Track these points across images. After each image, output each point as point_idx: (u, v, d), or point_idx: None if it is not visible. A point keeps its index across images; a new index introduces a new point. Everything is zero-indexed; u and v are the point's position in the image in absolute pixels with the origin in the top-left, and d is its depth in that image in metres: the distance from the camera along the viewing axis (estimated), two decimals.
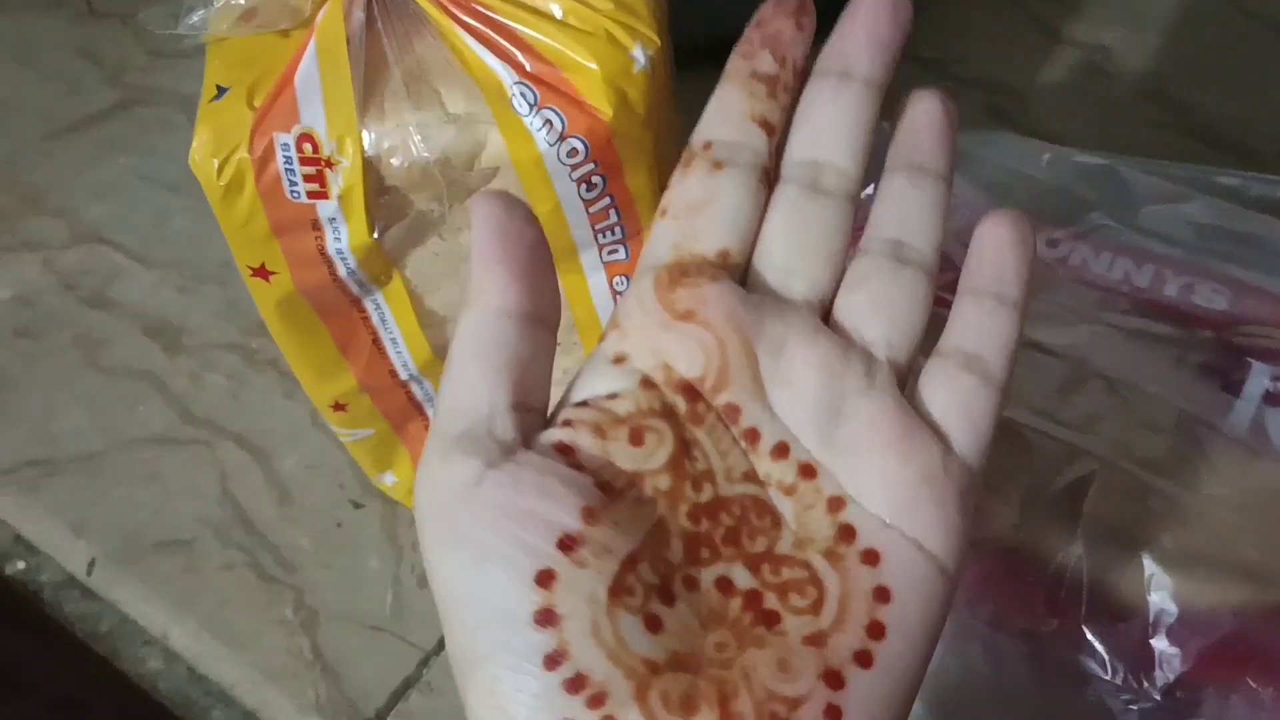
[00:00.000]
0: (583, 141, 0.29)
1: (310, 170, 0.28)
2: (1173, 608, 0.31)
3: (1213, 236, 0.39)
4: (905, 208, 0.24)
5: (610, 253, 0.32)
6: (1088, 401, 0.34)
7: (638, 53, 0.29)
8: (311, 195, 0.28)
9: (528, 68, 0.29)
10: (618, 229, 0.32)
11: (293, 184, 0.28)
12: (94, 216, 0.56)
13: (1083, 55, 0.53)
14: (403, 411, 0.37)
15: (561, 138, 0.29)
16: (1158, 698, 0.31)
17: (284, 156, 0.28)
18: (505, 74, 0.29)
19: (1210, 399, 0.34)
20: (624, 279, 0.33)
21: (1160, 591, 0.31)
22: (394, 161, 0.29)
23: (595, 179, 0.30)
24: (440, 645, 0.41)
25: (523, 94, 0.29)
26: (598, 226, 0.31)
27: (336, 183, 0.28)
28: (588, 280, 0.33)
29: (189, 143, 0.57)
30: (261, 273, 0.30)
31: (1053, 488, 0.33)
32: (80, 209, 0.56)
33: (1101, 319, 0.37)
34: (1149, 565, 0.31)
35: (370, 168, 0.29)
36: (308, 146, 0.28)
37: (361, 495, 0.45)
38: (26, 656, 0.72)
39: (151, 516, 0.46)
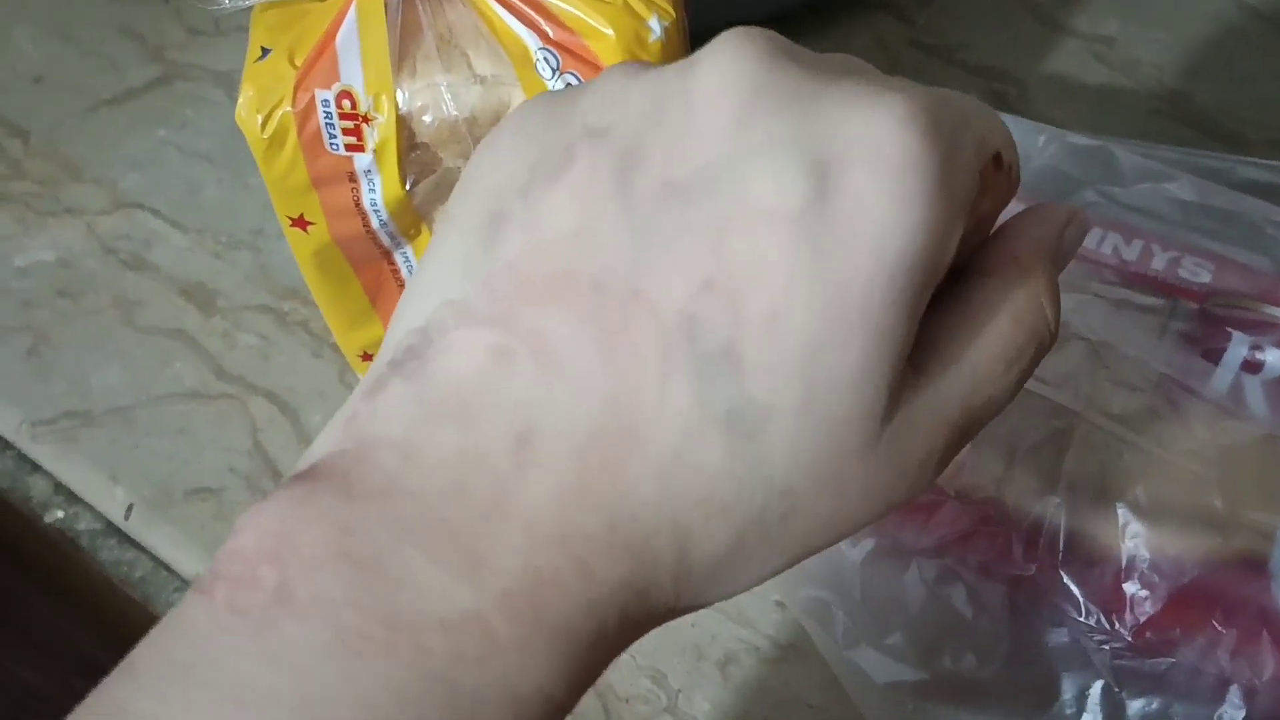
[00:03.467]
0: None
1: (348, 125, 0.30)
2: (1144, 554, 0.33)
3: (1198, 214, 0.41)
4: None
5: None
6: (1069, 361, 0.36)
7: (654, 23, 0.32)
8: (349, 148, 0.31)
9: (550, 34, 0.31)
10: None
11: (332, 137, 0.31)
12: (132, 185, 0.58)
13: (1084, 45, 0.55)
14: None
15: None
16: (1129, 638, 0.33)
17: (324, 112, 0.30)
18: (530, 40, 0.31)
19: (1190, 365, 0.36)
20: None
21: (1133, 539, 0.33)
22: (425, 119, 0.31)
23: None
24: None
25: (546, 59, 0.31)
26: None
27: (372, 137, 0.31)
28: None
29: (224, 117, 0.59)
30: (300, 223, 0.33)
31: (1033, 442, 0.35)
32: (119, 178, 0.58)
33: (1088, 288, 0.39)
34: (1123, 515, 0.33)
35: (403, 124, 0.31)
36: (346, 103, 0.30)
37: None
38: (51, 618, 0.74)
39: (183, 466, 0.48)
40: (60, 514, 0.50)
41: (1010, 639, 0.34)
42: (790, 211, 0.18)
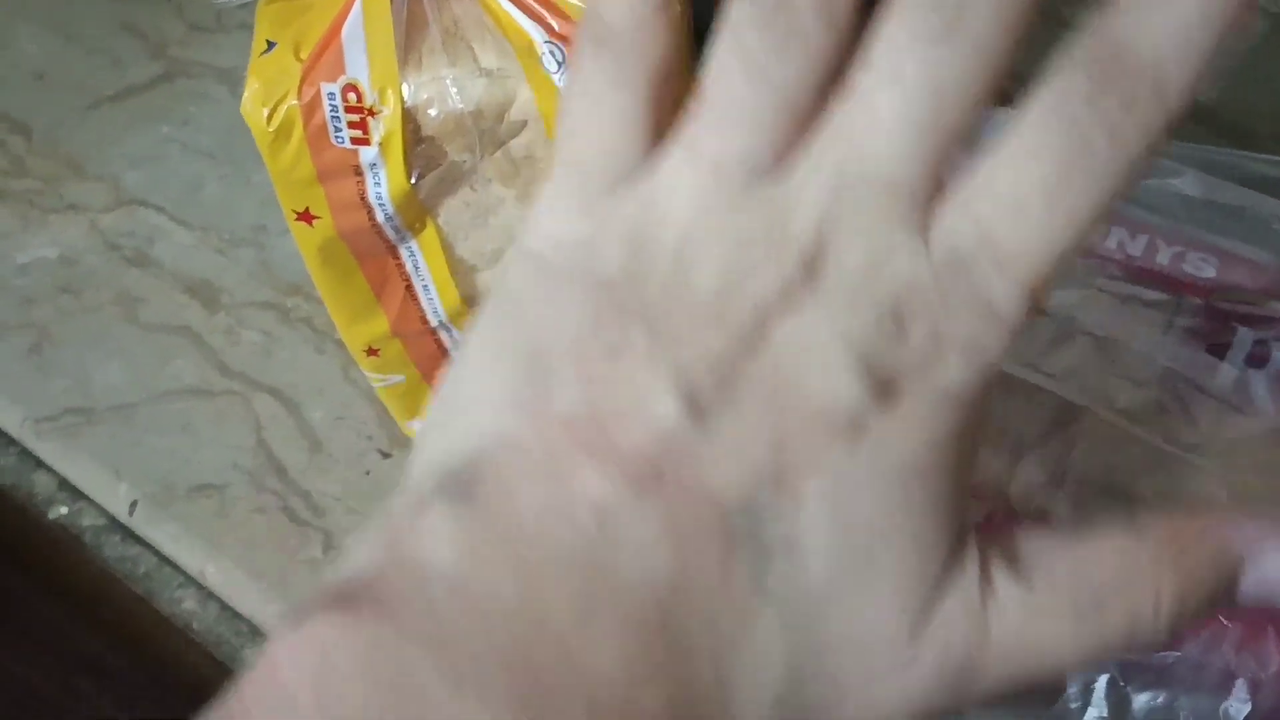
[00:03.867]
0: None
1: (354, 118, 0.30)
2: None
3: (1204, 209, 0.41)
4: None
5: None
6: (1074, 356, 0.36)
7: None
8: (355, 141, 0.31)
9: (556, 28, 0.31)
10: None
11: (337, 130, 0.31)
12: (134, 181, 0.58)
13: None
14: (432, 359, 0.39)
15: None
16: None
17: (330, 105, 0.30)
18: (536, 33, 0.31)
19: (1196, 359, 0.36)
20: None
21: None
22: (431, 112, 0.31)
23: None
24: None
25: (552, 52, 0.31)
26: None
27: (378, 131, 0.31)
28: None
29: (226, 113, 0.59)
30: (305, 217, 0.33)
31: (1040, 436, 0.35)
32: (121, 174, 0.58)
33: (1094, 284, 0.39)
34: (1128, 509, 0.33)
35: (409, 117, 0.31)
36: (352, 96, 0.30)
37: (389, 445, 0.47)
38: (53, 616, 0.74)
39: (186, 463, 0.48)
40: (64, 510, 0.50)
41: None
42: (845, 413, 0.18)
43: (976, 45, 0.19)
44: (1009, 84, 0.24)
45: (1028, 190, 0.18)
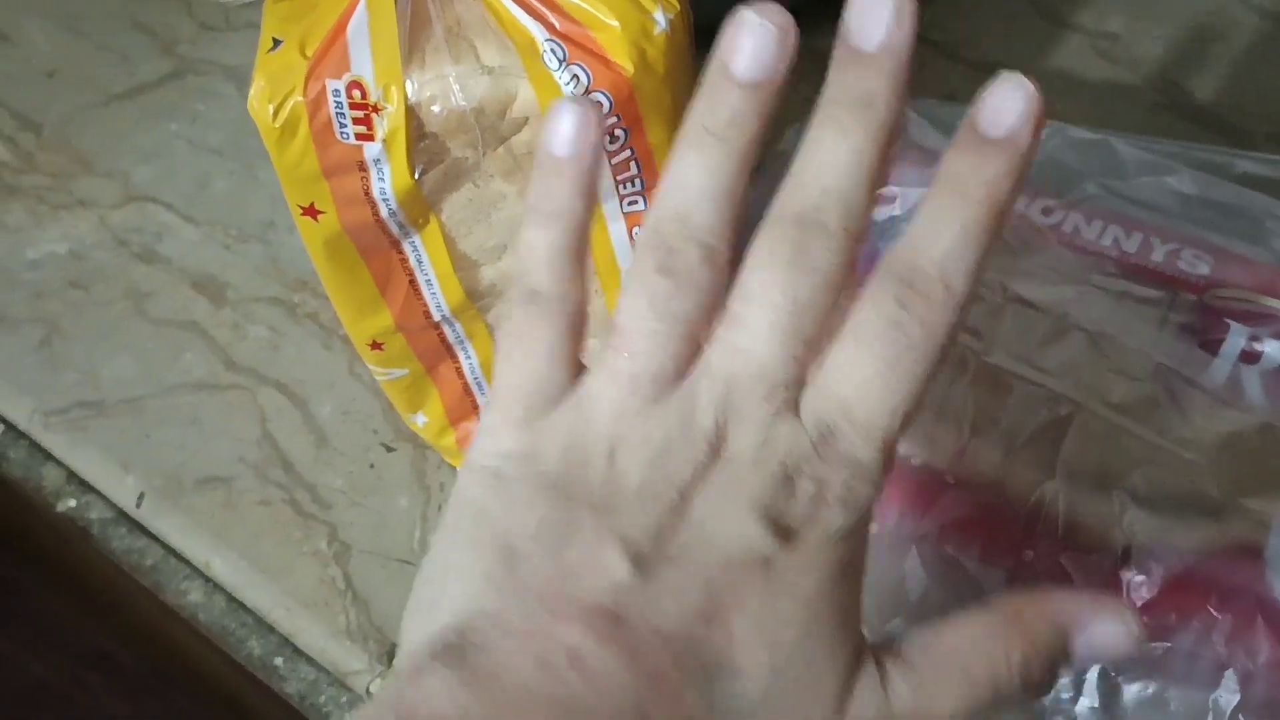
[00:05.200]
0: (607, 96, 0.32)
1: (359, 114, 0.31)
2: (1142, 541, 0.33)
3: (1199, 207, 0.41)
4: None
5: (630, 203, 0.35)
6: (1069, 351, 0.36)
7: (659, 15, 0.32)
8: (359, 137, 0.31)
9: (557, 26, 0.31)
10: (637, 180, 0.35)
11: (342, 126, 0.31)
12: (143, 178, 0.59)
13: (1087, 41, 0.56)
14: (435, 353, 0.40)
15: (587, 91, 0.32)
16: None
17: (335, 101, 0.31)
18: (537, 31, 0.31)
19: (1189, 355, 0.37)
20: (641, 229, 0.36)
21: (1130, 526, 0.34)
22: (434, 109, 0.31)
23: (618, 132, 0.33)
24: None
25: (553, 50, 0.31)
26: (619, 177, 0.34)
27: (382, 127, 0.31)
28: (609, 229, 0.36)
29: (235, 110, 0.60)
30: (311, 212, 0.33)
31: (1032, 429, 0.35)
32: (130, 171, 0.59)
33: (1089, 280, 0.39)
34: (1121, 502, 0.34)
35: (412, 114, 0.31)
36: (356, 93, 0.31)
37: (393, 439, 0.48)
38: (60, 610, 0.75)
39: (193, 456, 0.49)
40: (72, 503, 0.51)
41: None
42: (756, 555, 0.24)
43: (820, 266, 0.25)
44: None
45: (870, 373, 0.24)
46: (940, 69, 0.55)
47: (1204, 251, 0.39)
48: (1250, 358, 0.37)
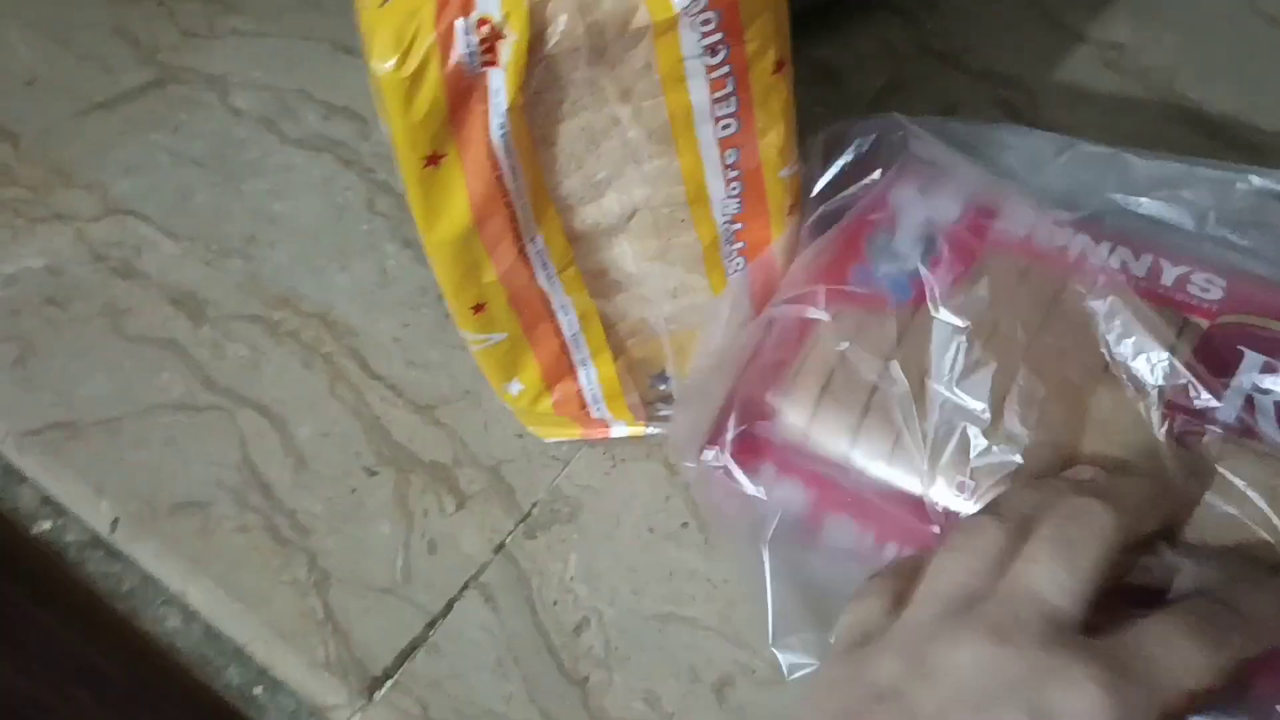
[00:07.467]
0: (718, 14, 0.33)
1: (485, 44, 0.32)
2: None
3: (1211, 223, 0.40)
4: None
5: (724, 126, 0.36)
6: None
7: None
8: (485, 64, 0.32)
9: None
10: (732, 100, 0.35)
11: (470, 57, 0.32)
12: (123, 190, 0.57)
13: (1094, 51, 0.54)
14: (535, 313, 0.40)
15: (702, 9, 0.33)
16: None
17: (464, 38, 0.32)
18: None
19: (1201, 384, 0.35)
20: (735, 152, 0.37)
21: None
22: (558, 25, 0.32)
23: (719, 46, 0.34)
24: (447, 609, 0.42)
25: None
26: (715, 95, 0.35)
27: (505, 53, 0.32)
28: (702, 157, 0.36)
29: (217, 120, 0.59)
30: (433, 159, 0.34)
31: None
32: (110, 183, 0.58)
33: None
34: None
35: (534, 34, 0.32)
36: (485, 29, 0.32)
37: (375, 463, 0.46)
38: (47, 624, 0.73)
39: (170, 480, 0.47)
40: (48, 525, 0.49)
41: None
42: None
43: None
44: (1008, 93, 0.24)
45: None
46: (942, 79, 0.54)
47: (1216, 274, 0.38)
48: (1263, 389, 0.35)
